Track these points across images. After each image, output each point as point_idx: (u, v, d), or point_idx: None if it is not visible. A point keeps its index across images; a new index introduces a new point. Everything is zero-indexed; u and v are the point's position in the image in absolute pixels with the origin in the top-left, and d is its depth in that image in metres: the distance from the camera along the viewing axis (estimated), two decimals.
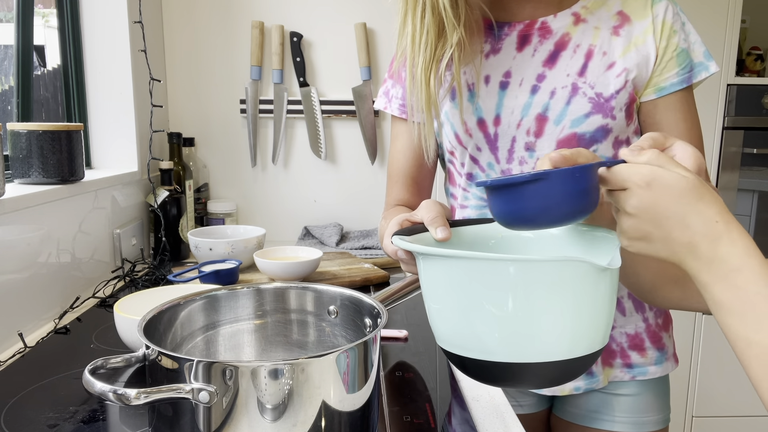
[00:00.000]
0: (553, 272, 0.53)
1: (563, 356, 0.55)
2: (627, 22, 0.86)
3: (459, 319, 0.58)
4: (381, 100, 1.02)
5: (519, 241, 0.69)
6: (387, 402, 0.78)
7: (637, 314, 0.95)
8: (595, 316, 0.56)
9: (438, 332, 0.62)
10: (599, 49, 0.85)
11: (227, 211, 1.70)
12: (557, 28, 0.87)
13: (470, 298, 0.56)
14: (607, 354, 0.95)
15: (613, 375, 0.95)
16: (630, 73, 0.84)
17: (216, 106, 1.75)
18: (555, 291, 0.54)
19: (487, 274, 0.54)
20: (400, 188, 1.01)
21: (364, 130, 1.74)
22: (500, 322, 0.55)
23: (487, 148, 0.90)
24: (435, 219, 0.67)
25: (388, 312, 0.65)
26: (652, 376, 0.96)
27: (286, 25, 1.70)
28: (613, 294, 0.57)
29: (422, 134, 0.91)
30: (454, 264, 0.57)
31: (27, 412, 0.73)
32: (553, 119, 0.86)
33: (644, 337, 0.95)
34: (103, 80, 1.49)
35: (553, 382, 0.59)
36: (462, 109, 0.89)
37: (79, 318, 1.08)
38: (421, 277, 0.62)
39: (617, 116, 0.85)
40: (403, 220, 0.72)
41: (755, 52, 2.26)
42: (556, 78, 0.86)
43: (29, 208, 1.02)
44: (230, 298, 0.72)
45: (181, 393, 0.51)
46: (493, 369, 0.57)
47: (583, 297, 0.54)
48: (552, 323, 0.54)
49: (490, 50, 0.90)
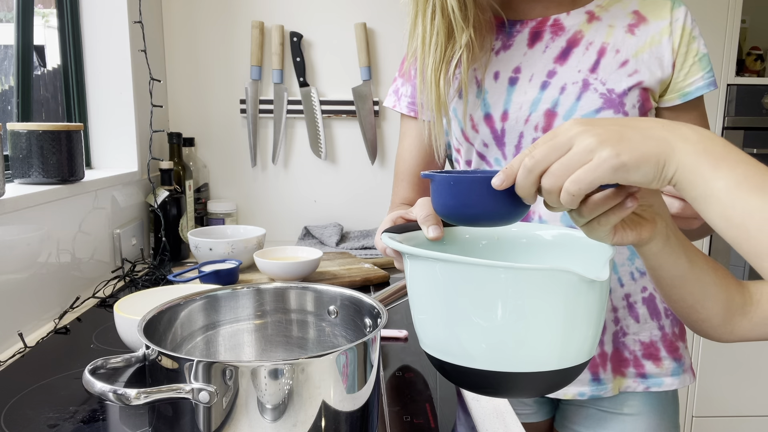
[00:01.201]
0: (540, 281, 0.51)
1: (546, 367, 0.53)
2: (643, 21, 0.86)
3: (442, 322, 0.56)
4: (390, 99, 1.02)
5: (512, 244, 0.68)
6: (387, 402, 0.78)
7: (653, 321, 0.91)
8: (582, 328, 0.54)
9: (420, 335, 0.60)
10: (612, 47, 0.85)
11: (227, 211, 1.70)
12: (570, 26, 0.87)
13: (454, 302, 0.54)
14: (618, 362, 0.91)
15: (626, 385, 0.91)
16: (642, 73, 0.84)
17: (216, 106, 1.75)
18: (541, 300, 0.52)
19: (471, 279, 0.53)
20: (406, 187, 1.00)
21: (364, 130, 1.74)
22: (483, 329, 0.53)
23: (494, 144, 0.90)
24: (428, 217, 0.65)
25: (388, 312, 0.65)
26: (668, 388, 0.92)
27: (286, 25, 1.70)
28: (601, 306, 0.55)
29: (433, 134, 0.91)
30: (438, 267, 0.55)
31: (27, 412, 0.73)
32: (562, 114, 0.85)
33: (660, 346, 0.91)
34: (103, 80, 1.49)
35: (534, 393, 0.57)
36: (470, 105, 0.88)
37: (79, 318, 1.08)
38: (407, 277, 0.61)
39: (629, 113, 0.84)
40: (397, 218, 0.71)
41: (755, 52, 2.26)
42: (567, 74, 0.85)
43: (29, 208, 1.02)
44: (230, 298, 0.71)
45: (181, 393, 0.51)
46: (472, 376, 0.55)
47: (570, 308, 0.52)
48: (536, 333, 0.52)
49: (501, 47, 0.89)
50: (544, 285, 0.51)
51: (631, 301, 0.90)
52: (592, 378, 0.90)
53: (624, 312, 0.90)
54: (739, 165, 0.47)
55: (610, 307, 0.90)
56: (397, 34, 1.73)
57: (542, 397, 1.01)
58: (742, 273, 2.15)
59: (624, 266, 0.90)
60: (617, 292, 0.90)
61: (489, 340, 0.53)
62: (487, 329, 0.53)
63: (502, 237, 0.68)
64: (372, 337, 0.59)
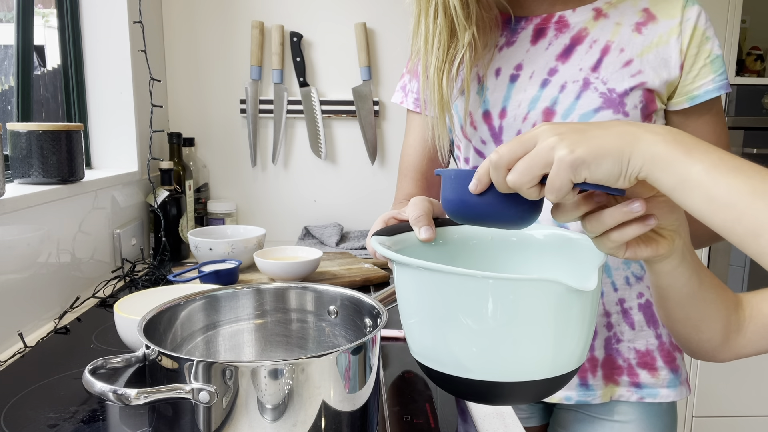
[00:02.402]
0: (528, 291, 0.50)
1: (536, 376, 0.52)
2: (652, 20, 0.83)
3: (429, 331, 0.55)
4: (398, 95, 1.02)
5: (504, 243, 0.67)
6: (387, 402, 0.78)
7: (650, 329, 0.89)
8: (572, 336, 0.53)
9: (409, 342, 0.60)
10: (617, 45, 0.83)
11: (227, 211, 1.70)
12: (575, 23, 0.85)
13: (442, 311, 0.53)
14: (610, 369, 0.89)
15: (618, 394, 0.89)
16: (646, 73, 0.81)
17: (216, 106, 1.75)
18: (529, 310, 0.51)
19: (459, 289, 0.52)
20: (409, 183, 0.99)
21: (364, 130, 1.74)
22: (470, 339, 0.52)
23: (492, 142, 0.89)
24: (420, 218, 0.64)
25: (388, 312, 0.65)
26: (663, 399, 0.89)
27: (286, 25, 1.70)
28: (592, 314, 0.54)
29: (436, 132, 0.90)
30: (425, 275, 0.54)
31: (27, 412, 0.73)
32: (560, 113, 0.84)
33: (656, 356, 0.89)
34: (103, 80, 1.49)
35: (523, 400, 0.56)
36: (471, 102, 0.88)
37: (79, 318, 1.08)
38: (395, 283, 0.60)
39: (630, 113, 0.82)
40: (389, 218, 0.70)
41: (755, 52, 2.26)
42: (568, 72, 0.84)
43: (29, 208, 1.02)
44: (230, 298, 0.71)
45: (181, 393, 0.51)
46: (461, 384, 0.55)
47: (560, 317, 0.51)
48: (525, 343, 0.52)
49: (505, 43, 0.88)
50: (533, 295, 0.51)
51: (625, 306, 0.88)
52: (579, 383, 0.88)
53: (618, 318, 0.88)
54: (712, 151, 0.46)
55: (602, 312, 0.88)
56: (397, 34, 1.73)
57: (537, 403, 1.01)
58: (742, 273, 2.15)
59: (618, 270, 0.87)
60: (610, 296, 0.88)
61: (477, 350, 0.53)
62: (474, 339, 0.52)
63: (495, 236, 0.67)
64: (372, 337, 0.59)
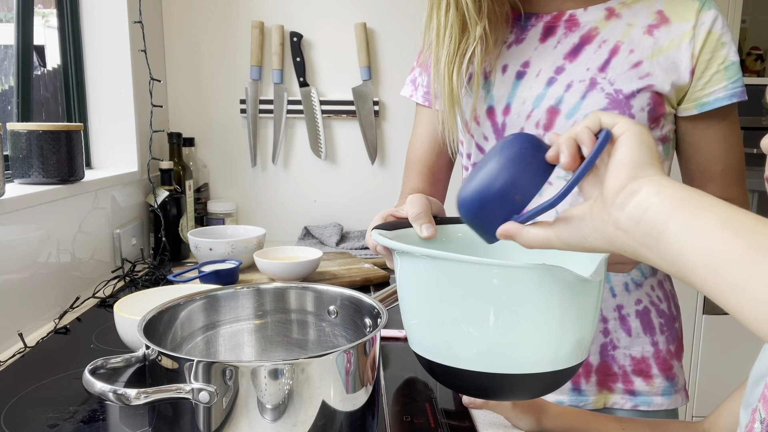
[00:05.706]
0: (533, 279, 0.50)
1: (539, 368, 0.52)
2: (665, 22, 0.81)
3: (431, 321, 0.55)
4: (407, 88, 1.02)
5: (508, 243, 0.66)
6: (387, 402, 0.78)
7: (646, 336, 0.87)
8: (576, 328, 0.52)
9: (409, 334, 0.59)
10: (626, 46, 0.81)
11: (227, 211, 1.70)
12: (585, 22, 0.84)
13: (445, 300, 0.53)
14: (604, 376, 0.87)
15: (612, 401, 0.87)
16: (655, 76, 0.80)
17: (216, 106, 1.75)
18: (534, 299, 0.50)
19: (463, 277, 0.51)
20: (416, 176, 0.98)
21: (364, 130, 1.74)
22: (474, 328, 0.52)
23: (494, 138, 0.88)
24: (419, 215, 0.63)
25: (388, 312, 0.65)
26: (658, 407, 0.87)
27: (286, 25, 1.70)
28: (596, 307, 0.54)
29: (446, 127, 0.89)
30: (428, 264, 0.53)
31: (27, 412, 0.73)
32: (565, 113, 0.82)
33: (652, 363, 0.87)
34: (103, 80, 1.49)
35: (526, 395, 0.56)
36: (478, 98, 0.87)
37: (79, 318, 1.08)
38: (396, 274, 0.60)
39: (637, 116, 0.80)
40: (387, 215, 0.69)
41: (755, 52, 2.26)
42: (575, 71, 0.82)
43: (29, 208, 1.02)
44: (230, 298, 0.72)
45: (181, 393, 0.51)
46: (463, 377, 0.54)
47: (564, 307, 0.51)
48: (529, 333, 0.51)
49: (514, 40, 0.88)
50: (538, 283, 0.50)
51: (623, 313, 0.87)
52: (572, 387, 0.88)
53: (615, 324, 0.87)
54: None
55: (600, 317, 0.86)
56: (397, 34, 1.73)
57: None
58: None
59: (618, 275, 0.86)
60: (608, 302, 0.87)
61: (480, 340, 0.52)
62: (478, 329, 0.52)
63: None
64: (372, 337, 0.59)
